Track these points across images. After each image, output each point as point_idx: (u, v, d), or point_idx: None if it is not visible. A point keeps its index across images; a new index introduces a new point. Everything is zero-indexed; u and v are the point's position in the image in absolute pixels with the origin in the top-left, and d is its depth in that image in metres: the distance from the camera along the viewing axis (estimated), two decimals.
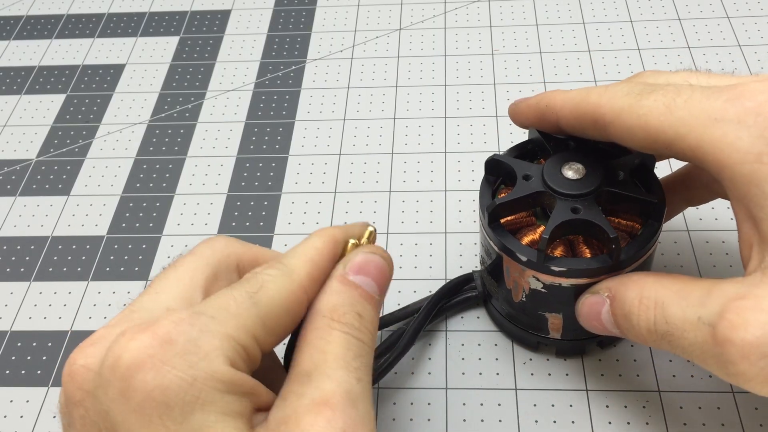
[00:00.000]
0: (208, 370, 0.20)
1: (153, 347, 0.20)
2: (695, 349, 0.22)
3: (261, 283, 0.23)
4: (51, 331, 0.36)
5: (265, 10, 0.52)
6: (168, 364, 0.20)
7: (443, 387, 0.32)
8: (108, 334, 0.22)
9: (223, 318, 0.22)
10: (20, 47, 0.51)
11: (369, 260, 0.25)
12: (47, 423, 0.32)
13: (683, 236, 0.36)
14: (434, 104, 0.44)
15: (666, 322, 0.23)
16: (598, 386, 0.31)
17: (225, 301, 0.22)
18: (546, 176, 0.28)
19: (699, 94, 0.23)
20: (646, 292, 0.25)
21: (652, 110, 0.24)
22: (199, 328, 0.21)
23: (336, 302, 0.23)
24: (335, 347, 0.22)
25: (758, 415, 0.30)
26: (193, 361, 0.20)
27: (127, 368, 0.20)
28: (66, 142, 0.45)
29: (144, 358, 0.20)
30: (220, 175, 0.42)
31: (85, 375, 0.21)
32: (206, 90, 0.47)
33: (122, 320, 0.22)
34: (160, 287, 0.23)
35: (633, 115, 0.24)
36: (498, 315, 0.33)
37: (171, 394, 0.20)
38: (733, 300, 0.21)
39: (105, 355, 0.21)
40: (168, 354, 0.20)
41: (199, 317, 0.21)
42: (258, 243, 0.38)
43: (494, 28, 0.49)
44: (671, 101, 0.24)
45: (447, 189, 0.40)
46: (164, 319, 0.21)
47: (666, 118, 0.24)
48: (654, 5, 0.49)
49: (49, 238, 0.40)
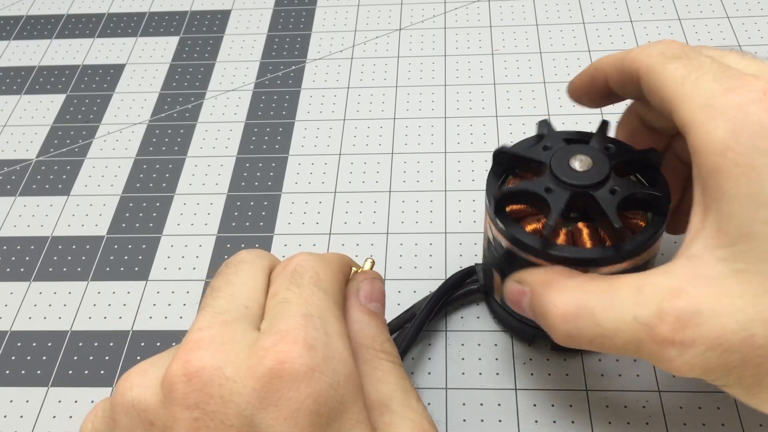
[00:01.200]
0: (346, 373, 0.21)
1: (302, 357, 0.20)
2: (630, 346, 0.23)
3: (314, 270, 0.23)
4: (51, 331, 0.36)
5: (265, 10, 0.52)
6: (318, 371, 0.20)
7: (443, 387, 0.32)
8: (212, 336, 0.21)
9: (326, 316, 0.22)
10: (20, 47, 0.51)
11: (374, 286, 0.26)
12: (47, 423, 0.32)
13: (683, 236, 0.36)
14: (434, 104, 0.44)
15: (596, 325, 0.23)
16: (598, 386, 0.31)
17: (307, 296, 0.22)
18: (565, 179, 0.27)
19: (711, 74, 0.24)
20: (564, 297, 0.24)
21: (669, 77, 0.24)
22: (323, 330, 0.21)
23: (371, 333, 0.25)
24: (394, 378, 0.23)
25: (758, 415, 0.30)
26: (335, 366, 0.21)
27: (282, 380, 0.20)
28: (66, 142, 0.45)
29: (298, 369, 0.20)
30: (220, 175, 0.42)
31: (214, 379, 0.20)
32: (206, 90, 0.47)
33: (213, 322, 0.22)
34: (231, 291, 0.23)
35: (656, 76, 0.25)
36: (497, 307, 0.33)
37: (321, 401, 0.20)
38: (667, 298, 0.22)
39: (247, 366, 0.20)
40: (315, 361, 0.20)
41: (313, 319, 0.21)
42: (258, 243, 0.38)
43: (494, 28, 0.49)
44: (687, 74, 0.24)
45: (447, 189, 0.40)
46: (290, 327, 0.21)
47: (676, 89, 0.24)
48: (654, 5, 0.49)
49: (49, 238, 0.40)
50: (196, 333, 0.22)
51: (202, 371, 0.20)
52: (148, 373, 0.22)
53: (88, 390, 0.33)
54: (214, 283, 0.24)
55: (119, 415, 0.21)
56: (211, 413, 0.20)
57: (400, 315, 0.33)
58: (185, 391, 0.20)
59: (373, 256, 0.29)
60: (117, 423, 0.22)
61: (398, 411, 0.23)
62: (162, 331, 0.35)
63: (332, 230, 0.38)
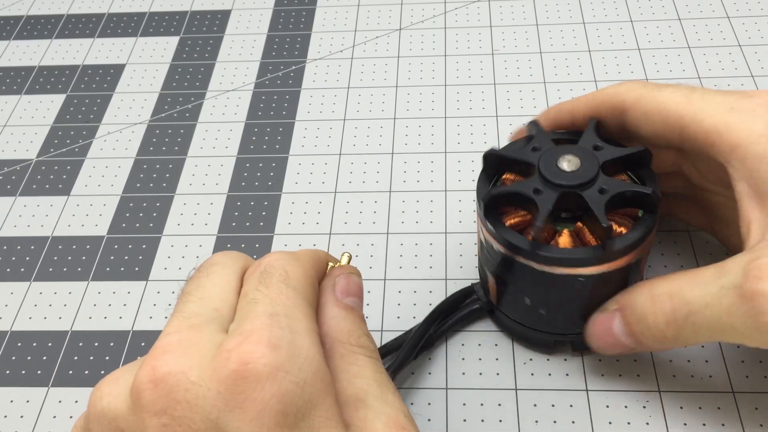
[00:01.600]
0: (313, 371, 0.20)
1: (265, 356, 0.20)
2: (722, 315, 0.24)
3: (283, 268, 0.23)
4: (51, 331, 0.36)
5: (265, 10, 0.52)
6: (282, 370, 0.20)
7: (443, 387, 0.32)
8: (179, 341, 0.21)
9: (293, 314, 0.22)
10: (20, 47, 0.51)
11: (351, 281, 0.26)
12: (47, 423, 0.32)
13: (683, 236, 0.36)
14: (434, 104, 0.44)
15: (687, 303, 0.25)
16: (598, 386, 0.31)
17: (276, 296, 0.22)
18: (553, 179, 0.27)
19: (713, 91, 0.27)
20: (656, 290, 0.26)
21: (671, 99, 0.27)
22: (288, 329, 0.21)
23: (347, 327, 0.24)
24: (370, 372, 0.23)
25: (758, 415, 0.30)
26: (300, 363, 0.20)
27: (246, 381, 0.20)
28: (66, 142, 0.45)
29: (262, 370, 0.20)
30: (220, 175, 0.42)
31: (179, 384, 0.20)
32: (206, 90, 0.47)
33: (182, 326, 0.22)
34: (201, 294, 0.23)
35: (652, 101, 0.27)
36: (507, 320, 0.32)
37: (287, 400, 0.20)
38: (751, 261, 0.23)
39: (212, 368, 0.20)
40: (279, 360, 0.20)
41: (278, 318, 0.21)
42: (258, 243, 0.38)
43: (494, 28, 0.49)
44: (689, 94, 0.27)
45: (447, 189, 0.40)
46: (254, 327, 0.21)
47: (684, 106, 0.27)
48: (654, 5, 0.49)
49: (49, 238, 0.40)
50: (164, 338, 0.21)
51: (167, 377, 0.20)
52: (120, 381, 0.22)
53: (88, 390, 0.33)
54: (185, 287, 0.24)
55: (92, 423, 0.22)
56: (179, 419, 0.20)
57: (397, 338, 0.32)
58: (152, 398, 0.20)
59: (350, 252, 0.29)
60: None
61: (374, 405, 0.22)
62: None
63: (332, 230, 0.38)
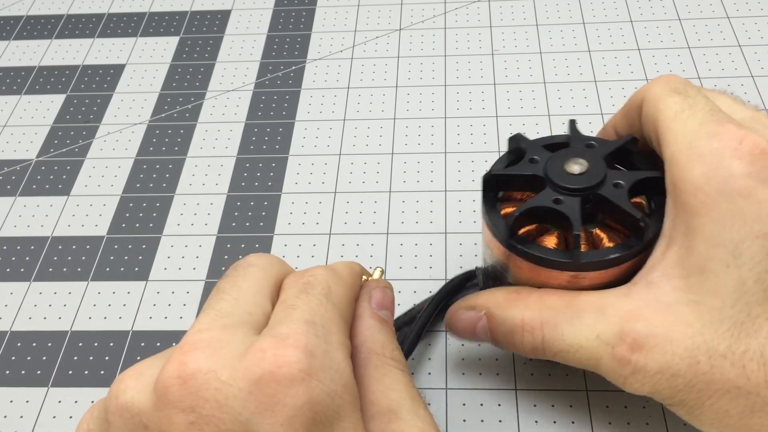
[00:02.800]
0: (343, 383, 0.21)
1: (301, 362, 0.20)
2: (591, 362, 0.25)
3: (327, 284, 0.24)
4: (51, 331, 0.36)
5: (265, 10, 0.52)
6: (315, 379, 0.20)
7: (443, 387, 0.32)
8: (210, 339, 0.21)
9: (329, 326, 0.22)
10: (20, 47, 0.51)
11: (386, 295, 0.27)
12: (47, 423, 0.32)
13: None
14: (434, 104, 0.44)
15: (562, 340, 0.25)
16: (598, 386, 0.31)
17: (316, 307, 0.22)
18: (552, 175, 0.27)
19: (701, 115, 0.25)
20: (529, 313, 0.26)
21: (665, 109, 0.26)
22: (324, 339, 0.21)
23: (381, 339, 0.25)
24: (403, 385, 0.24)
25: None
26: (332, 375, 0.20)
27: (279, 384, 0.20)
28: (66, 142, 0.45)
29: (295, 374, 0.20)
30: (220, 175, 0.42)
31: (208, 382, 0.20)
32: (206, 90, 0.47)
33: (214, 324, 0.22)
34: (237, 294, 0.23)
35: (655, 105, 0.27)
36: None
37: (318, 408, 0.20)
38: (628, 320, 0.24)
39: (244, 368, 0.20)
40: (313, 368, 0.20)
41: (316, 327, 0.21)
42: (258, 243, 0.38)
43: (494, 28, 0.49)
44: (681, 110, 0.26)
45: (447, 189, 0.40)
46: (293, 331, 0.21)
47: (669, 123, 0.26)
48: (654, 5, 0.49)
49: (49, 238, 0.40)
50: (195, 335, 0.21)
51: (197, 373, 0.20)
52: (144, 375, 0.21)
53: (88, 390, 0.33)
54: (220, 284, 0.24)
55: (113, 417, 0.21)
56: (206, 417, 0.20)
57: (398, 317, 0.32)
58: (180, 394, 0.20)
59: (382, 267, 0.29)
60: (111, 425, 0.21)
61: (407, 418, 0.23)
62: (162, 331, 0.35)
63: (332, 230, 0.38)
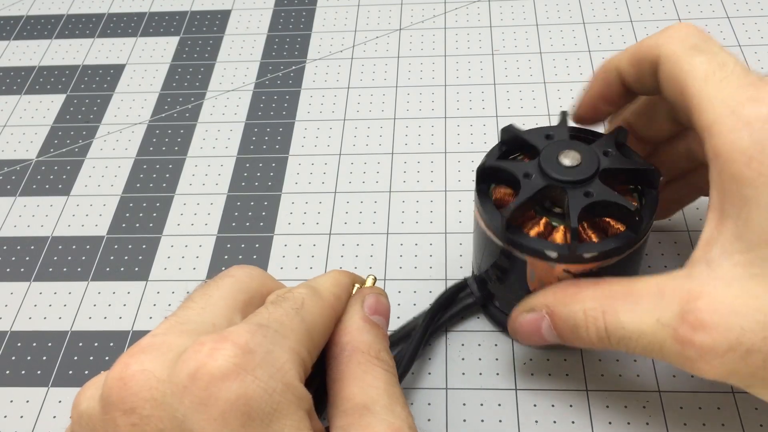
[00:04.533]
0: (284, 382, 0.20)
1: (237, 356, 0.20)
2: (654, 347, 0.24)
3: (301, 299, 0.23)
4: (51, 331, 0.36)
5: (265, 10, 0.52)
6: (251, 374, 0.20)
7: (443, 387, 0.32)
8: (161, 342, 0.21)
9: (284, 332, 0.22)
10: (20, 47, 0.51)
11: (379, 301, 0.26)
12: (47, 423, 0.32)
13: (683, 236, 0.36)
14: (434, 104, 0.44)
15: (622, 327, 0.25)
16: (598, 386, 0.31)
17: (279, 316, 0.22)
18: (547, 170, 0.28)
19: (735, 78, 0.24)
20: (590, 303, 0.26)
21: (693, 71, 0.25)
22: (271, 340, 0.21)
23: (370, 340, 0.25)
24: (383, 383, 0.23)
25: (758, 415, 0.30)
26: (272, 373, 0.20)
27: (212, 377, 0.19)
28: (66, 142, 0.45)
29: (229, 367, 0.20)
30: (220, 175, 0.42)
31: (147, 382, 0.20)
32: (206, 90, 0.47)
33: (172, 330, 0.22)
34: (205, 303, 0.23)
35: (679, 66, 0.25)
36: (500, 315, 0.32)
37: (254, 404, 0.20)
38: (688, 301, 0.23)
39: (179, 363, 0.20)
40: (250, 364, 0.20)
41: (267, 329, 0.21)
42: (258, 243, 0.38)
43: (494, 28, 0.49)
44: (712, 72, 0.24)
45: (447, 189, 0.40)
46: (239, 330, 0.21)
47: (700, 87, 0.24)
48: (654, 5, 0.49)
49: (49, 238, 0.40)
50: (147, 339, 0.21)
51: (137, 374, 0.20)
52: (98, 382, 0.21)
53: None
54: (192, 293, 0.24)
55: (75, 426, 0.22)
56: (146, 418, 0.20)
57: (393, 333, 0.32)
58: (121, 396, 0.20)
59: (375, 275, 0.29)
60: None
61: (380, 414, 0.22)
62: None
63: (332, 230, 0.38)
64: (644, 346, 0.24)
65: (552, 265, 0.27)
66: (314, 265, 0.37)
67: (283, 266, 0.37)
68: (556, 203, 0.28)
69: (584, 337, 0.26)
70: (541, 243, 0.27)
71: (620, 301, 0.25)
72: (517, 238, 0.27)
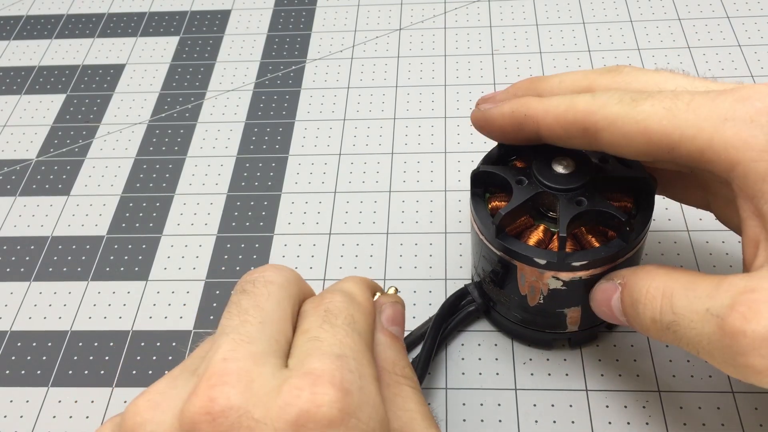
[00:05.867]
0: (379, 419, 0.20)
1: (339, 401, 0.19)
2: (702, 339, 0.22)
3: (350, 314, 0.23)
4: (51, 331, 0.36)
5: (265, 10, 0.52)
6: (354, 417, 0.19)
7: (443, 387, 0.32)
8: (239, 370, 0.20)
9: (360, 359, 0.21)
10: (20, 47, 0.51)
11: (396, 310, 0.26)
12: (47, 423, 0.32)
13: (683, 236, 0.36)
14: (434, 104, 0.44)
15: (673, 312, 0.23)
16: (598, 386, 0.31)
17: (344, 339, 0.21)
18: (540, 176, 0.28)
19: (701, 97, 0.23)
20: (655, 282, 0.25)
21: (652, 115, 0.23)
22: (358, 374, 0.20)
23: (392, 356, 0.24)
24: (414, 404, 0.23)
25: (758, 415, 0.30)
26: (371, 413, 0.20)
27: (319, 425, 0.19)
28: (66, 142, 0.45)
29: (334, 414, 0.19)
30: (220, 175, 0.42)
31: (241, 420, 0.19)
32: (206, 90, 0.47)
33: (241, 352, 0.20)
34: (262, 317, 0.22)
35: (630, 121, 0.24)
36: (507, 322, 0.32)
37: None
38: (743, 293, 0.21)
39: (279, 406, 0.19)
40: (351, 407, 0.19)
41: (348, 361, 0.20)
42: (258, 243, 0.38)
43: (494, 28, 0.49)
44: (672, 105, 0.23)
45: (447, 189, 0.40)
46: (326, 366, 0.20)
47: (669, 122, 0.23)
48: (654, 5, 0.49)
49: (49, 238, 0.40)
50: (221, 363, 0.20)
51: (228, 411, 0.19)
52: (161, 406, 0.20)
53: (88, 390, 0.33)
54: (240, 301, 0.22)
55: None
56: None
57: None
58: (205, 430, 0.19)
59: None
60: None
61: None
62: (162, 331, 0.35)
63: (332, 230, 0.38)
64: (691, 338, 0.23)
65: (541, 272, 0.28)
66: (314, 265, 0.37)
67: None
68: (551, 209, 0.28)
69: (641, 315, 0.25)
70: (530, 250, 0.27)
71: (680, 286, 0.24)
72: (507, 244, 0.28)
